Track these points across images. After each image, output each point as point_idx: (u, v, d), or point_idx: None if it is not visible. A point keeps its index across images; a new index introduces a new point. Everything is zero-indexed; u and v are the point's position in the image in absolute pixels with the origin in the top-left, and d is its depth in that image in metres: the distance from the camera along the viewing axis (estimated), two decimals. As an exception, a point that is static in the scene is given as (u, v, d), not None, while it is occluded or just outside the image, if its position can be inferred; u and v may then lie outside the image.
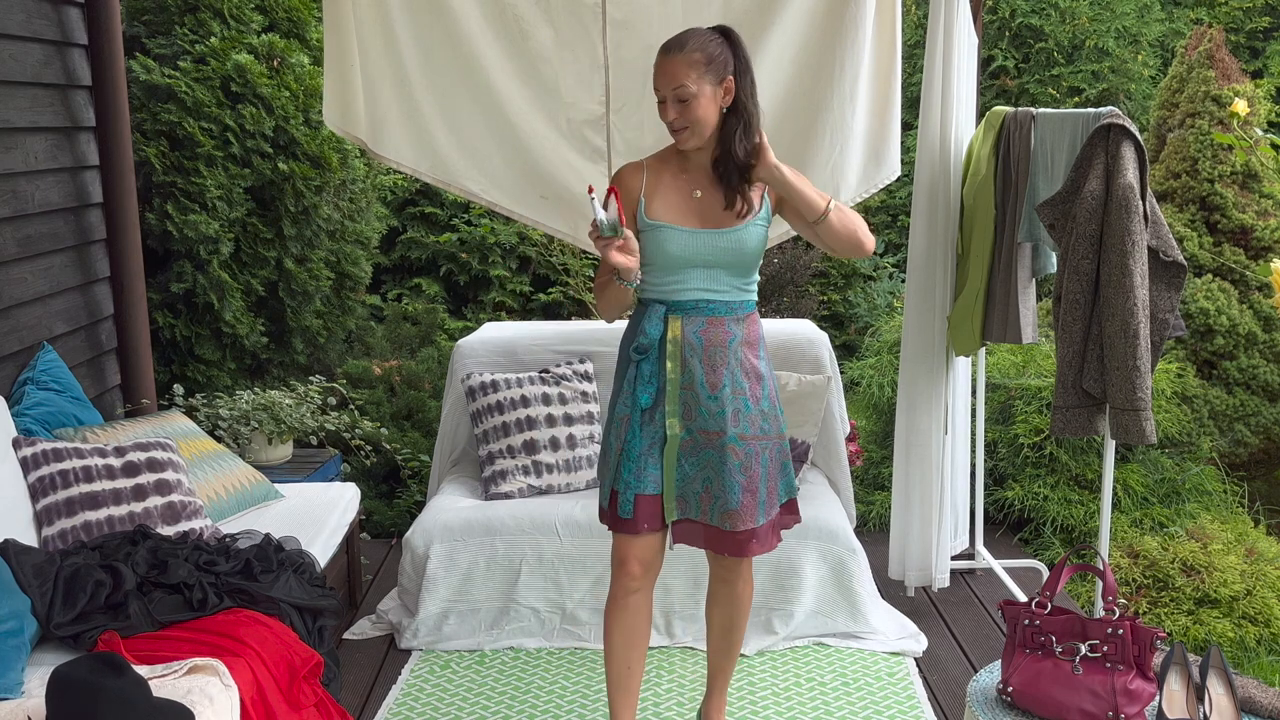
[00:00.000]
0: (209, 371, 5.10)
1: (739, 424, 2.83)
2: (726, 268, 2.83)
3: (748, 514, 2.83)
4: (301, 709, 2.79)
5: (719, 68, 2.74)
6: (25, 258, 3.80)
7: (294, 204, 5.19)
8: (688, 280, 2.83)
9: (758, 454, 2.84)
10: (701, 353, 2.83)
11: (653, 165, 2.89)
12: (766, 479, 2.87)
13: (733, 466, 2.81)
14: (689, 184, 2.85)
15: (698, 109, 2.74)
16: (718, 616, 3.08)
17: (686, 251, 2.81)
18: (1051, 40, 7.59)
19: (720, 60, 2.75)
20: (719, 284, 2.84)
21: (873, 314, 7.01)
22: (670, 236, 2.81)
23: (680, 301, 2.84)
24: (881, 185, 4.15)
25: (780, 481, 2.93)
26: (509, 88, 4.05)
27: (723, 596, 3.05)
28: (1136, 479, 4.81)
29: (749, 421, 2.84)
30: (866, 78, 3.99)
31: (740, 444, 2.82)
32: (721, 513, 2.84)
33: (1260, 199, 5.31)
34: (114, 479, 3.30)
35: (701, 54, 2.72)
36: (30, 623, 2.74)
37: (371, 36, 4.00)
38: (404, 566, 3.89)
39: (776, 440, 2.90)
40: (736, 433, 2.82)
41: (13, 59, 3.76)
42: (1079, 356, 3.27)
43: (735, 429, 2.82)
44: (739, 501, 2.82)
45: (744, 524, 2.83)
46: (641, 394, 2.84)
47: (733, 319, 2.85)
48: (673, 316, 2.84)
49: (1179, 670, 2.63)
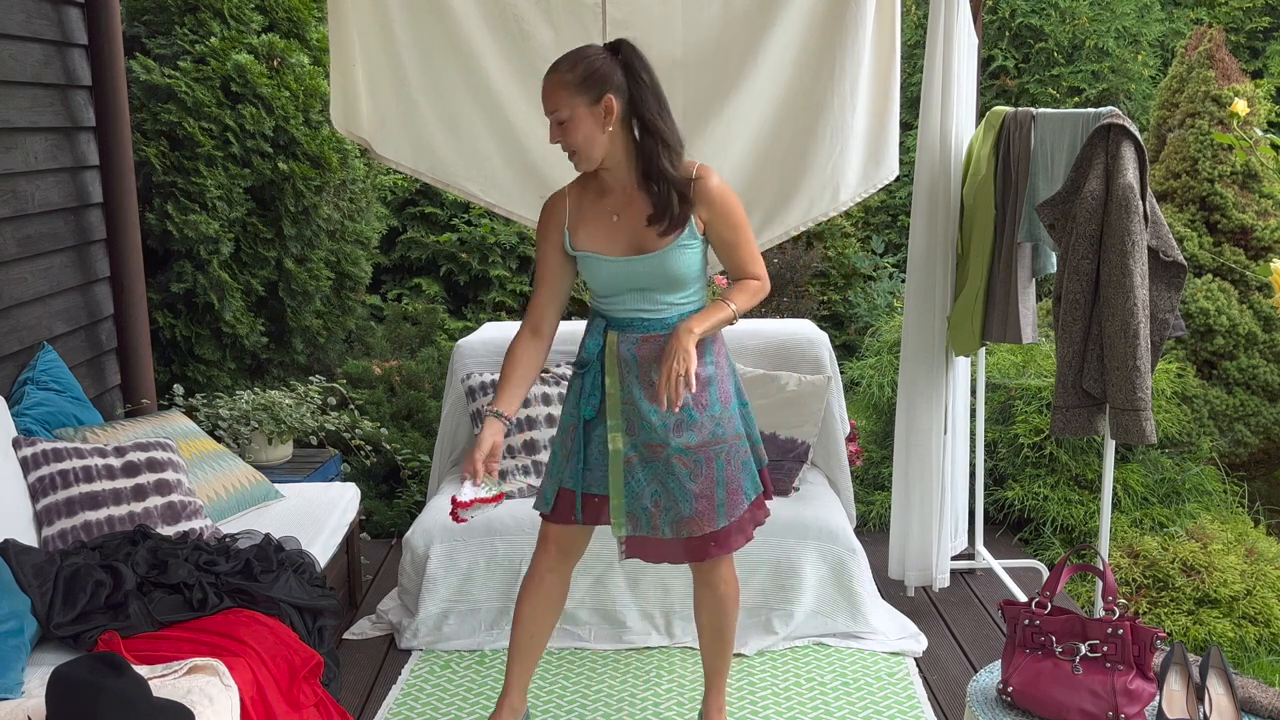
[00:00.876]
0: (209, 371, 5.10)
1: (682, 434, 2.82)
2: (658, 289, 2.81)
3: (704, 519, 2.85)
4: (301, 709, 2.79)
5: (594, 86, 2.66)
6: (25, 258, 3.80)
7: (294, 204, 5.19)
8: (621, 300, 2.85)
9: (709, 460, 2.84)
10: (636, 369, 2.84)
11: (574, 192, 2.87)
12: (725, 482, 2.86)
13: (681, 476, 2.83)
14: (608, 208, 2.82)
15: (574, 132, 2.68)
16: (705, 620, 3.09)
17: (613, 278, 2.82)
18: (1051, 40, 7.59)
19: (597, 78, 2.66)
20: (652, 303, 2.83)
21: (873, 314, 7.02)
22: (595, 265, 2.82)
23: (616, 319, 2.87)
24: (881, 185, 4.15)
25: (744, 479, 2.91)
26: (509, 88, 4.05)
27: (706, 600, 3.05)
28: (1136, 479, 4.81)
29: (695, 430, 2.83)
30: (866, 78, 3.99)
31: (687, 454, 2.83)
32: (674, 522, 2.86)
33: (1260, 199, 5.31)
34: (114, 479, 3.30)
35: (573, 74, 2.66)
36: (30, 623, 2.74)
37: (372, 37, 4.01)
38: (404, 566, 3.89)
39: (734, 441, 2.88)
40: (680, 443, 2.82)
41: (13, 59, 3.76)
42: (1079, 356, 3.27)
43: (679, 440, 2.82)
44: (692, 509, 2.84)
45: (700, 529, 2.85)
46: (585, 406, 2.88)
47: (670, 334, 2.80)
48: (611, 332, 2.87)
49: (1179, 670, 2.63)
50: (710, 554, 2.90)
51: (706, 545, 2.88)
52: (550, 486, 2.95)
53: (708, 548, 2.88)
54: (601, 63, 2.68)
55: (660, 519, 2.86)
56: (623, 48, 2.72)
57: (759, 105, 4.03)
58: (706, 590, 3.03)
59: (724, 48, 3.98)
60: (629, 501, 2.87)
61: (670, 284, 2.80)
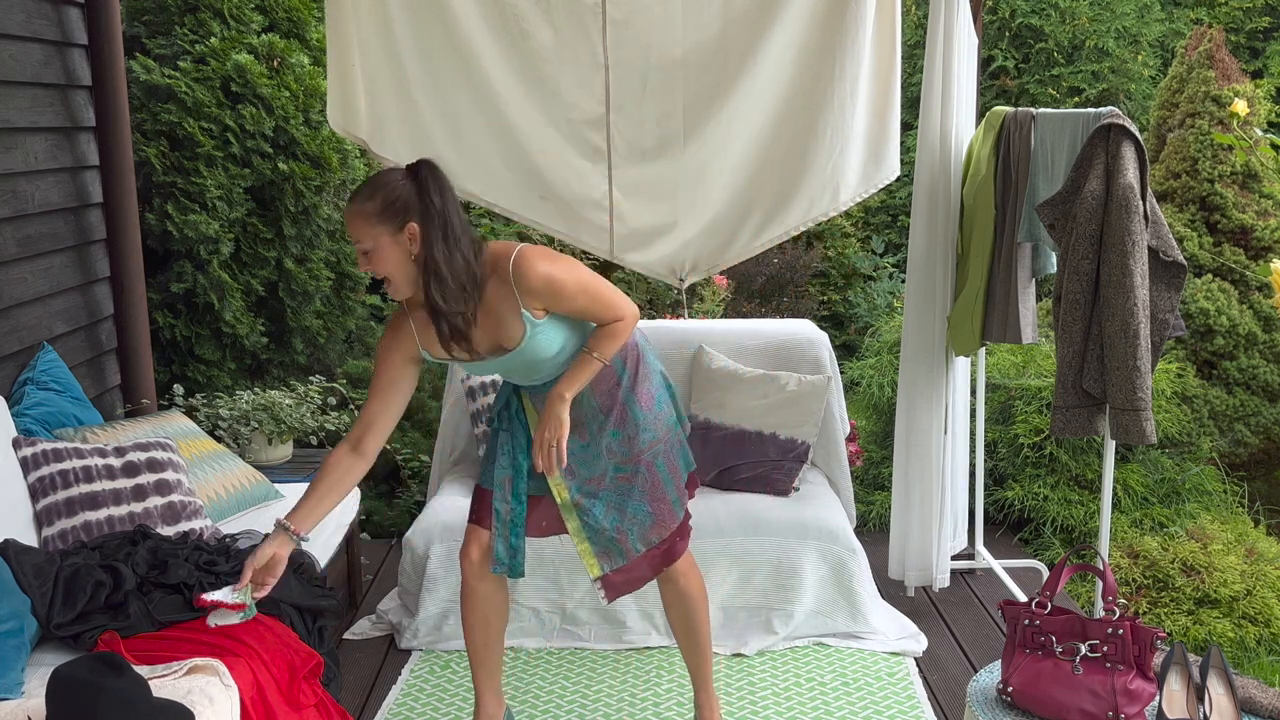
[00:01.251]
0: (209, 371, 5.09)
1: (617, 454, 2.87)
2: (533, 368, 2.81)
3: (666, 519, 2.91)
4: (302, 709, 2.79)
5: (395, 215, 2.58)
6: (25, 258, 3.80)
7: (294, 204, 5.19)
8: (508, 378, 2.89)
9: (652, 462, 2.89)
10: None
11: (412, 309, 2.77)
12: (670, 478, 2.92)
13: (632, 493, 2.88)
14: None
15: (380, 262, 2.61)
16: (674, 617, 3.11)
17: (485, 371, 2.85)
18: (1051, 40, 7.59)
19: (399, 206, 2.58)
20: (536, 373, 2.85)
21: (873, 314, 7.02)
22: (457, 367, 2.84)
23: (517, 385, 2.91)
24: (881, 185, 4.15)
25: (680, 464, 2.97)
26: (508, 88, 4.05)
27: (671, 596, 3.08)
28: (1136, 479, 4.81)
29: (626, 445, 2.87)
30: (867, 77, 3.98)
31: (627, 469, 2.87)
32: (642, 535, 2.90)
33: (1260, 199, 5.31)
34: (114, 479, 3.30)
35: (373, 204, 2.58)
36: (30, 623, 2.74)
37: (371, 36, 4.00)
38: (404, 566, 3.89)
39: (665, 437, 2.92)
40: (615, 463, 2.87)
41: (13, 59, 3.76)
42: (1079, 356, 3.27)
43: (612, 461, 2.87)
44: (652, 518, 2.89)
45: (666, 529, 2.91)
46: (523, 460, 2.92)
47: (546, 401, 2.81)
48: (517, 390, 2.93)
49: (1179, 670, 2.63)
50: (679, 550, 2.96)
51: (675, 542, 2.95)
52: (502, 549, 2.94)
53: (676, 544, 2.95)
54: (401, 189, 2.60)
55: (628, 539, 2.91)
56: (421, 170, 2.64)
57: (759, 105, 4.03)
58: (669, 585, 3.06)
59: (724, 47, 3.98)
60: (593, 540, 2.92)
61: (542, 362, 2.80)
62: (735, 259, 4.31)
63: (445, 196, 2.63)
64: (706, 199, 4.17)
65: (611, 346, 2.77)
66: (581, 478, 2.90)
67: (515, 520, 2.94)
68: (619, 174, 4.15)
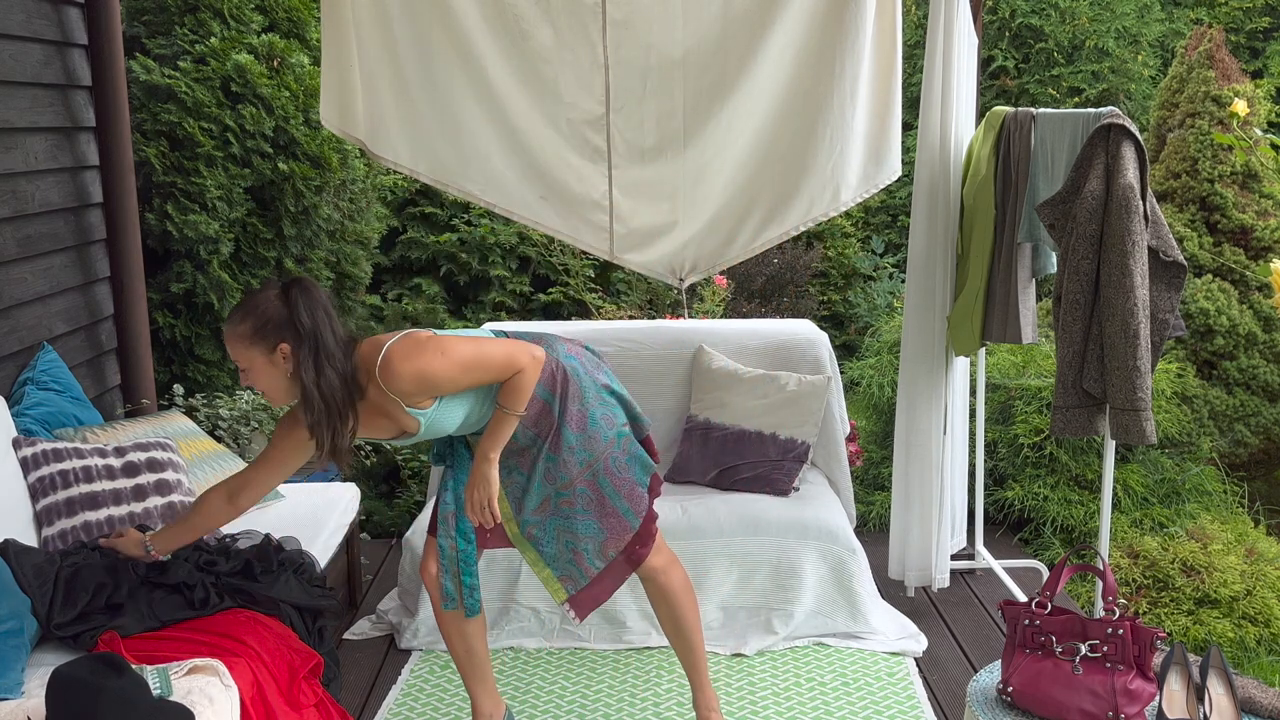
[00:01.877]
0: (209, 371, 5.09)
1: (554, 480, 2.87)
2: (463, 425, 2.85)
3: (619, 532, 2.91)
4: (302, 709, 2.79)
5: (268, 335, 2.62)
6: (25, 258, 3.80)
7: (294, 204, 5.19)
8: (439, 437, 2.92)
9: (591, 483, 2.88)
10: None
11: None
12: (617, 490, 2.90)
13: (578, 514, 2.89)
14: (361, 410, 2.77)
15: (257, 380, 2.67)
16: (661, 613, 3.12)
17: (403, 443, 2.90)
18: (1051, 40, 7.59)
19: (270, 328, 2.62)
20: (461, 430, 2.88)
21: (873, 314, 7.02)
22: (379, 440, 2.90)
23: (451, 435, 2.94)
24: (882, 185, 4.15)
25: (633, 472, 2.93)
26: (508, 87, 4.04)
27: (653, 594, 3.10)
28: (1136, 479, 4.81)
29: (564, 469, 2.86)
30: (866, 78, 3.98)
31: (567, 492, 2.88)
32: (598, 552, 2.91)
33: (1260, 199, 5.31)
34: (114, 479, 3.30)
35: (245, 326, 2.62)
36: (30, 623, 2.74)
37: (370, 36, 4.00)
38: (404, 566, 3.89)
39: (607, 451, 2.88)
40: (555, 488, 2.88)
41: (13, 59, 3.76)
42: (1079, 356, 3.27)
43: (553, 486, 2.88)
44: (604, 532, 2.90)
45: (622, 542, 2.92)
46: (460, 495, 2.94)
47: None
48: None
49: (1179, 670, 2.63)
50: (639, 556, 2.96)
51: (634, 550, 2.95)
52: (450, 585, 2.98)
53: (635, 551, 2.95)
54: (273, 310, 2.63)
55: (585, 559, 2.92)
56: (290, 291, 2.65)
57: (759, 105, 4.03)
58: (649, 584, 3.08)
59: (724, 47, 3.98)
60: (552, 566, 2.94)
61: (459, 427, 2.84)
62: (735, 259, 4.31)
63: (316, 315, 2.63)
64: (706, 199, 4.17)
65: (521, 398, 2.76)
66: (528, 510, 2.91)
67: (465, 558, 2.95)
68: (619, 174, 4.15)
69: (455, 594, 2.97)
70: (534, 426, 2.85)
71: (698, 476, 4.11)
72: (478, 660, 3.09)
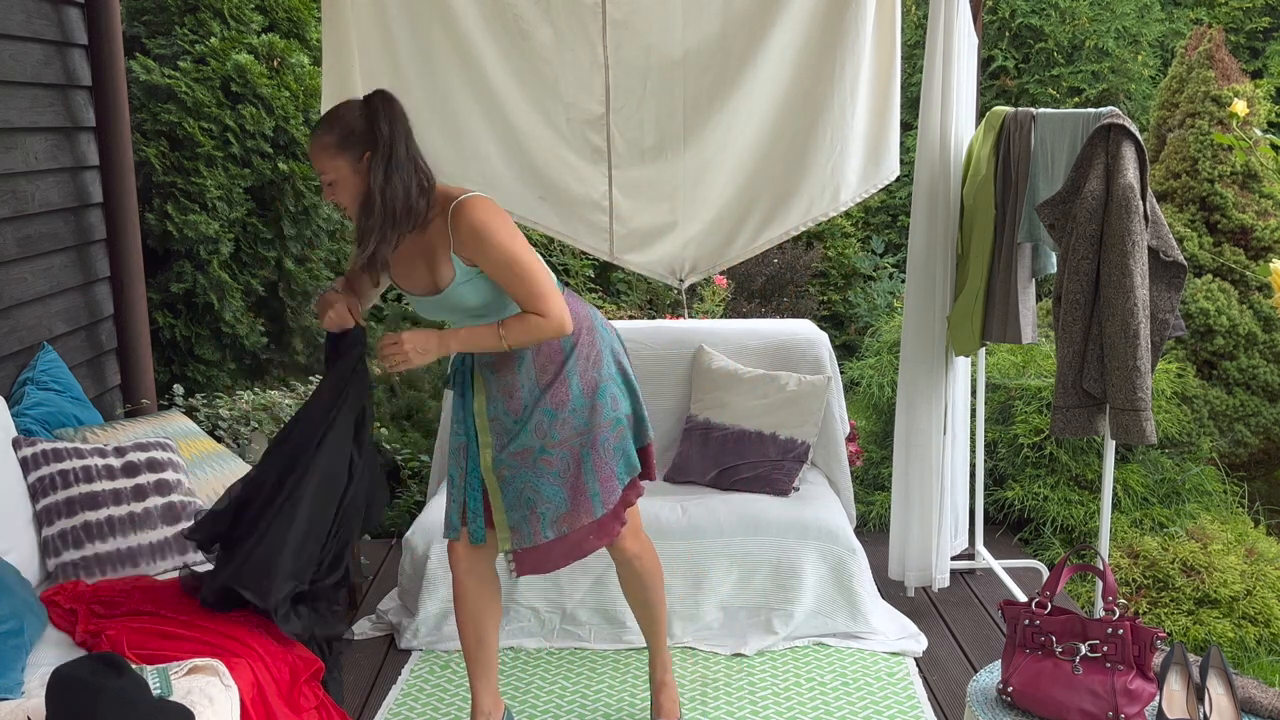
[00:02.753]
0: (209, 371, 5.09)
1: (544, 436, 2.88)
2: (465, 319, 2.87)
3: (581, 511, 2.92)
4: (302, 712, 2.79)
5: (354, 144, 2.67)
6: (25, 258, 3.80)
7: (294, 204, 5.19)
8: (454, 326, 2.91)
9: (575, 453, 2.90)
10: (496, 382, 2.90)
11: None
12: (595, 472, 2.91)
13: (550, 477, 2.90)
14: (411, 250, 2.83)
15: (342, 192, 2.71)
16: (630, 595, 3.22)
17: (426, 310, 2.93)
18: (1051, 40, 7.59)
19: (357, 137, 2.67)
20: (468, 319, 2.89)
21: (873, 314, 7.02)
22: (411, 300, 2.93)
23: None
24: (881, 185, 4.15)
25: (616, 465, 2.95)
26: (508, 88, 4.05)
27: (625, 577, 3.17)
28: (1136, 479, 4.81)
29: (555, 428, 2.88)
30: (866, 78, 3.99)
31: (553, 452, 2.89)
32: (554, 521, 2.92)
33: (1260, 199, 5.31)
34: (114, 479, 3.30)
35: (332, 136, 2.67)
36: (31, 622, 2.74)
37: (370, 36, 4.00)
38: (404, 566, 3.89)
39: (602, 429, 2.91)
40: (542, 444, 2.88)
41: (13, 59, 3.76)
42: (1079, 356, 3.27)
43: (540, 440, 2.88)
44: (567, 505, 2.91)
45: (579, 521, 2.93)
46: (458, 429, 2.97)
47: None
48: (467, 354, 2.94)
49: (1179, 670, 2.63)
50: (590, 546, 2.97)
51: (586, 537, 2.96)
52: (454, 512, 3.02)
53: (587, 539, 2.96)
54: (356, 121, 2.69)
55: (539, 524, 2.92)
56: (373, 100, 2.72)
57: (759, 105, 4.03)
58: (624, 569, 3.14)
59: (724, 47, 3.98)
60: (509, 511, 2.95)
61: (470, 315, 2.86)
62: (735, 259, 4.31)
63: (395, 126, 2.70)
64: (706, 199, 4.17)
65: (520, 333, 2.78)
66: (509, 451, 2.90)
67: (470, 487, 2.97)
68: (619, 174, 4.15)
69: (458, 521, 2.98)
70: (543, 373, 2.88)
71: (697, 476, 4.10)
72: (487, 652, 3.10)
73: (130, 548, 3.22)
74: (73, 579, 3.11)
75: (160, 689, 2.43)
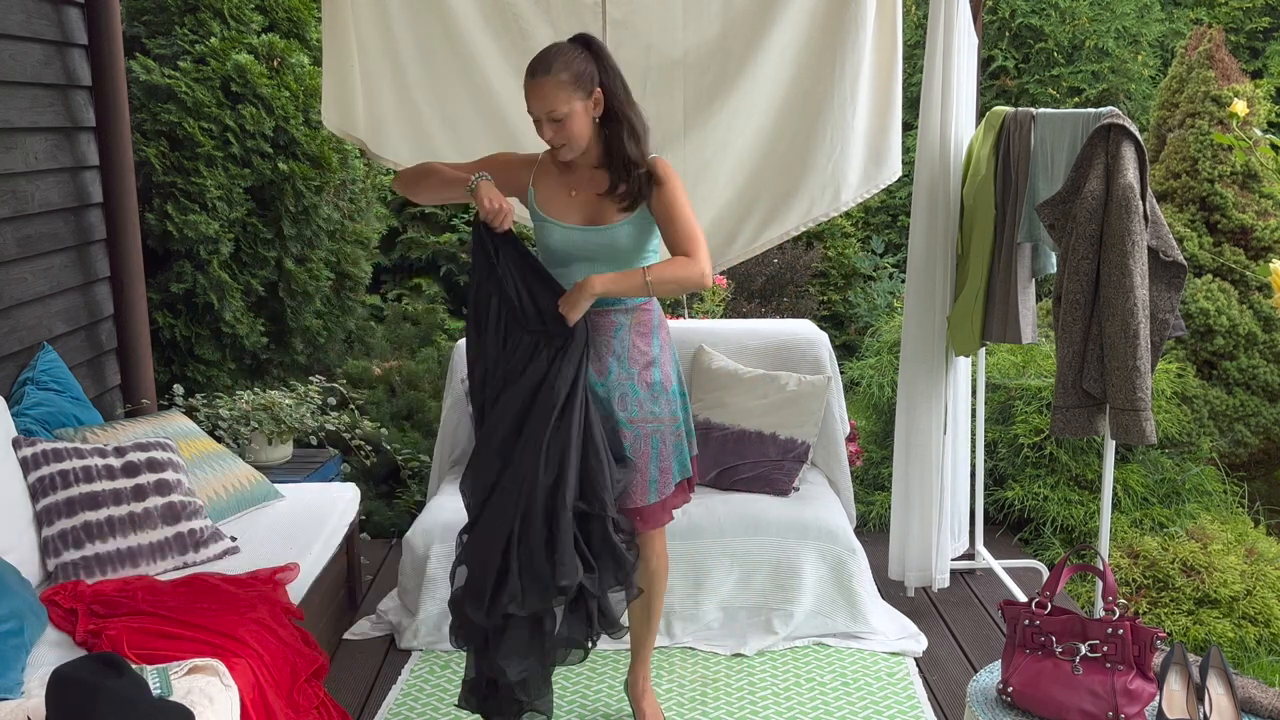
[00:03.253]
0: (209, 371, 5.09)
1: (626, 409, 2.96)
2: (607, 263, 2.93)
3: (637, 492, 2.98)
4: (302, 712, 2.80)
5: (586, 82, 2.84)
6: (25, 258, 3.80)
7: (294, 204, 5.19)
8: (573, 273, 2.95)
9: (647, 436, 2.98)
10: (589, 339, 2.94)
11: (544, 159, 3.04)
12: (657, 459, 2.99)
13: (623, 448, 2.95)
14: (568, 182, 2.98)
15: (572, 126, 2.85)
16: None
17: (566, 246, 2.95)
18: (1051, 40, 7.59)
19: (586, 74, 2.85)
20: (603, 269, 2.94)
21: (873, 314, 7.02)
22: (550, 230, 2.96)
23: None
24: (882, 185, 4.15)
25: (674, 462, 3.04)
26: (508, 87, 4.05)
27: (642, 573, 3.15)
28: (1136, 479, 4.81)
29: (636, 405, 2.97)
30: (867, 78, 3.98)
31: (629, 427, 2.96)
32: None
33: (1260, 199, 5.31)
34: (114, 479, 3.30)
35: (568, 73, 2.82)
36: (31, 622, 2.73)
37: (370, 36, 4.00)
38: (404, 566, 3.89)
39: (670, 422, 3.01)
40: (625, 417, 2.96)
41: (13, 59, 3.76)
42: (1079, 356, 3.27)
43: (623, 413, 2.96)
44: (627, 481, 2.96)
45: (632, 501, 2.99)
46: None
47: (620, 309, 2.97)
48: None
49: (1179, 670, 2.63)
50: (635, 529, 3.02)
51: (632, 520, 3.01)
52: None
53: (633, 522, 3.01)
54: (583, 59, 2.86)
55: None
56: (593, 43, 2.91)
57: (759, 105, 4.03)
58: (642, 564, 3.14)
59: (724, 47, 3.98)
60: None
61: (617, 256, 2.93)
62: (735, 259, 4.30)
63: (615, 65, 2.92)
64: (706, 199, 4.17)
65: (668, 275, 2.87)
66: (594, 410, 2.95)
67: None
68: (619, 174, 4.15)
69: None
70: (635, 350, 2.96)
71: (698, 476, 4.10)
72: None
73: (130, 548, 3.22)
74: (73, 579, 3.11)
75: (160, 689, 2.43)
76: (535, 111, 2.86)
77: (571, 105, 2.82)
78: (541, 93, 2.83)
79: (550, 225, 2.97)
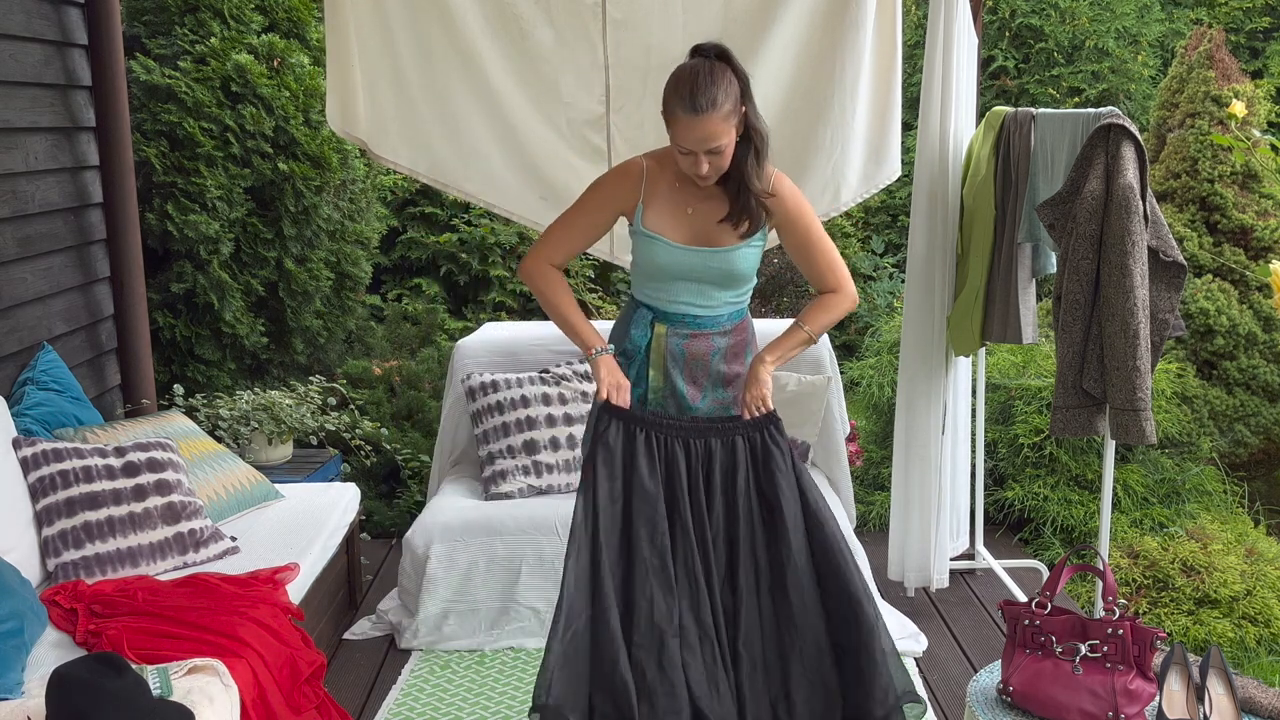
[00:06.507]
0: (209, 372, 5.09)
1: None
2: (716, 284, 2.82)
3: None
4: (302, 712, 2.80)
5: (738, 105, 2.66)
6: (25, 258, 3.80)
7: (294, 204, 5.19)
8: (676, 293, 2.82)
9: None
10: (683, 364, 2.85)
11: (652, 169, 2.82)
12: None
13: None
14: (686, 198, 2.79)
15: (727, 156, 2.68)
16: None
17: (676, 266, 2.79)
18: (1051, 40, 7.59)
19: (736, 97, 2.65)
20: (708, 299, 2.84)
21: (873, 314, 7.01)
22: (658, 248, 2.78)
23: (665, 311, 2.84)
24: (882, 185, 4.15)
25: None
26: (508, 88, 4.05)
27: None
28: (1136, 479, 4.81)
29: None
30: (866, 78, 3.98)
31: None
32: None
33: (1260, 199, 5.31)
34: (114, 479, 3.30)
35: (730, 103, 2.62)
36: (31, 622, 2.74)
37: (370, 36, 4.00)
38: (404, 566, 3.89)
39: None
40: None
41: (13, 59, 3.76)
42: (1079, 357, 3.27)
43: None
44: None
45: None
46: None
47: (718, 332, 2.86)
48: (659, 324, 2.85)
49: (1179, 670, 2.63)
50: None
51: None
52: None
53: None
54: (731, 80, 2.64)
55: None
56: (730, 55, 2.67)
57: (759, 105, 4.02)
58: None
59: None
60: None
61: (728, 280, 2.82)
62: (735, 259, 4.29)
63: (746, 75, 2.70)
64: (706, 199, 4.16)
65: (827, 321, 2.85)
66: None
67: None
68: (619, 174, 4.14)
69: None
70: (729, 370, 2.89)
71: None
72: None
73: (130, 548, 3.22)
74: (73, 579, 3.11)
75: (160, 689, 2.43)
76: (692, 146, 2.63)
77: (731, 135, 2.64)
78: (706, 129, 2.60)
79: (659, 244, 2.78)
